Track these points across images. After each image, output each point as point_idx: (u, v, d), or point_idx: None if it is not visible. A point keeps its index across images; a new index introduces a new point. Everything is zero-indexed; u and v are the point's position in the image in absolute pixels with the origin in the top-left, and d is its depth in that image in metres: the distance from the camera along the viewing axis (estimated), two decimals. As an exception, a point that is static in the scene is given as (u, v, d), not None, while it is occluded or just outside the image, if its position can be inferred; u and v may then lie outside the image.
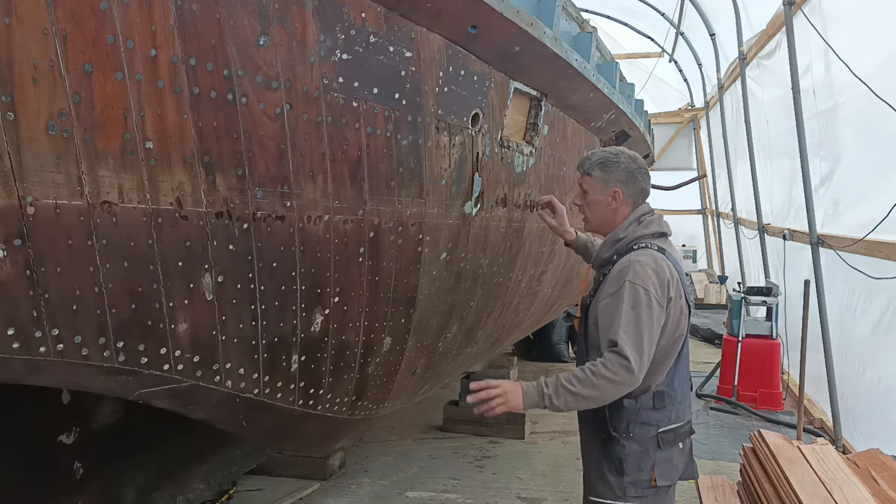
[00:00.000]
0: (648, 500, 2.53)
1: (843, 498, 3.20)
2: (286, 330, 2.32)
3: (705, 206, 16.02)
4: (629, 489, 2.51)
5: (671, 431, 2.54)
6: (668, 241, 2.69)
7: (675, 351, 2.55)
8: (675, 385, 2.55)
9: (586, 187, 2.69)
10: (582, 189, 2.72)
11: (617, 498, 2.53)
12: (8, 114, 1.52)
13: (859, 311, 5.34)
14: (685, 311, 2.55)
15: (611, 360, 2.35)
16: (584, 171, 2.69)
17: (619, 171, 2.63)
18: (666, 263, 2.51)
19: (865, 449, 4.29)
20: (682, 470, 2.60)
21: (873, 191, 4.95)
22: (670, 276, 2.49)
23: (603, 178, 2.64)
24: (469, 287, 3.26)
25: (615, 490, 2.53)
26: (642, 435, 2.51)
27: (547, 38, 2.94)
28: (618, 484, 2.52)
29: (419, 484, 4.90)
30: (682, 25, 12.54)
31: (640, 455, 2.50)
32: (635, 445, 2.50)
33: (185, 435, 3.63)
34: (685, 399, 2.61)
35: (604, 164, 2.64)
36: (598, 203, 2.66)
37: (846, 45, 5.21)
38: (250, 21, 1.92)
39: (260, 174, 2.04)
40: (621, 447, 2.51)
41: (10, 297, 1.60)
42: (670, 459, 2.54)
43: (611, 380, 2.34)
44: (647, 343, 2.37)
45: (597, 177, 2.65)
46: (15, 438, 2.78)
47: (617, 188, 2.63)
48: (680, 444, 2.57)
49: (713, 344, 9.75)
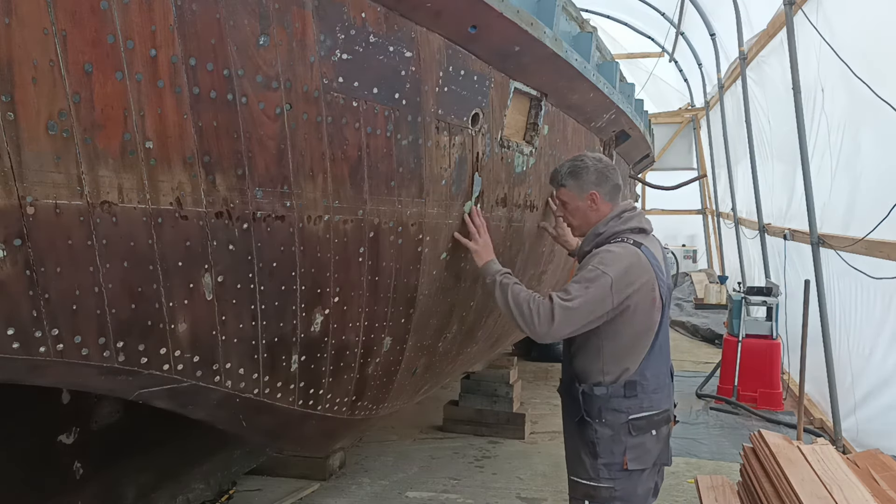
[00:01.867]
0: (621, 482, 2.68)
1: (843, 498, 3.20)
2: (286, 330, 2.32)
3: (705, 205, 16.02)
4: (602, 471, 2.68)
5: (643, 419, 2.67)
6: (650, 237, 2.84)
7: (647, 342, 2.69)
8: (647, 375, 2.68)
9: (565, 198, 2.89)
10: (561, 201, 2.93)
11: (591, 479, 2.71)
12: (8, 114, 1.52)
13: (859, 310, 5.34)
14: (658, 304, 2.68)
15: (544, 308, 2.57)
16: (559, 184, 2.89)
17: (589, 174, 2.82)
18: (638, 257, 2.65)
19: (865, 449, 4.29)
20: (657, 456, 2.73)
21: (873, 190, 4.95)
22: (641, 269, 2.63)
23: (577, 186, 2.83)
24: (469, 287, 3.26)
25: (589, 471, 2.71)
26: (613, 420, 2.67)
27: (547, 38, 2.94)
28: (592, 465, 2.70)
29: (419, 484, 4.90)
30: (682, 25, 12.54)
31: (612, 439, 2.66)
32: (607, 430, 2.67)
33: (185, 435, 3.63)
34: (661, 389, 2.74)
35: (574, 172, 2.84)
36: (579, 209, 2.85)
37: (846, 46, 5.21)
38: (250, 21, 1.92)
39: (260, 174, 2.04)
40: (594, 431, 2.68)
41: (9, 297, 1.60)
42: (642, 445, 2.68)
43: (530, 320, 2.59)
44: (580, 314, 2.56)
45: (571, 185, 2.84)
46: (15, 438, 2.78)
47: (592, 190, 2.81)
48: (653, 432, 2.70)
49: (713, 344, 9.75)
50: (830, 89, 5.83)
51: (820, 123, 6.10)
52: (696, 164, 15.75)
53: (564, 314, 2.54)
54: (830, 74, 5.66)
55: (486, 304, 3.57)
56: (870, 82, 4.63)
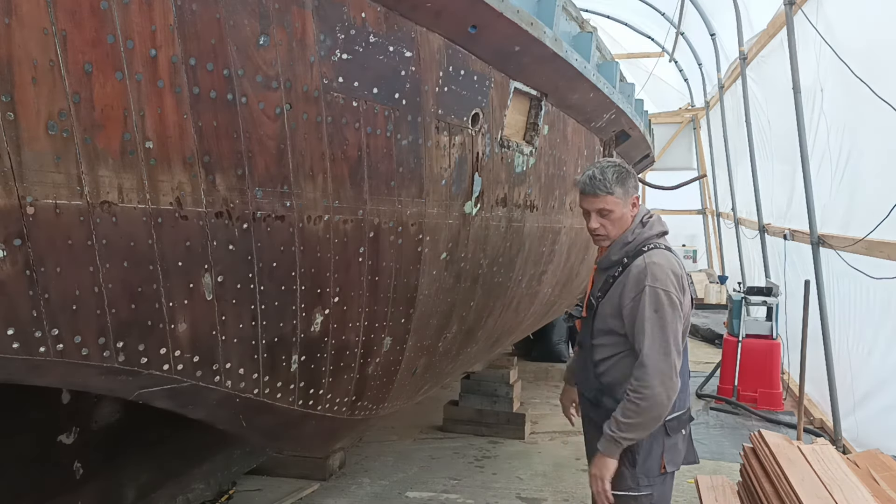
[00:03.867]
0: (657, 487, 2.64)
1: (843, 498, 3.20)
2: (286, 330, 2.32)
3: (705, 205, 16.02)
4: (642, 479, 2.61)
5: (675, 419, 2.64)
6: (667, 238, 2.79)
7: (685, 342, 2.65)
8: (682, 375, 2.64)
9: (611, 206, 2.64)
10: (603, 210, 2.65)
11: (631, 489, 2.62)
12: (8, 114, 1.52)
13: (859, 311, 5.34)
14: (690, 305, 2.67)
15: (644, 379, 2.47)
16: (607, 192, 2.62)
17: (632, 179, 2.69)
18: (677, 260, 2.63)
19: (865, 449, 4.29)
20: (685, 455, 2.74)
21: (873, 190, 4.95)
22: (682, 271, 2.61)
23: (624, 192, 2.65)
24: (469, 287, 3.26)
25: (629, 481, 2.61)
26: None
27: (547, 38, 2.94)
28: (631, 475, 2.61)
29: (419, 484, 4.90)
30: (683, 25, 12.53)
31: (651, 444, 2.60)
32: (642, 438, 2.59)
33: (185, 435, 3.63)
34: (686, 388, 2.71)
35: (620, 178, 2.63)
36: (623, 217, 2.67)
37: (846, 46, 5.20)
38: (250, 21, 1.92)
39: (260, 174, 2.04)
40: None
41: (9, 297, 1.60)
42: (675, 445, 2.66)
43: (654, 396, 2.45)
44: (673, 344, 2.49)
45: (619, 193, 2.63)
46: (15, 438, 2.78)
47: (635, 194, 2.71)
48: (683, 431, 2.70)
49: (713, 344, 9.75)
50: (830, 89, 5.83)
51: (820, 123, 6.10)
52: (696, 164, 15.75)
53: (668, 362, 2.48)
54: (830, 74, 5.66)
55: (486, 304, 3.58)
56: (870, 82, 4.63)
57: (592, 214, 2.67)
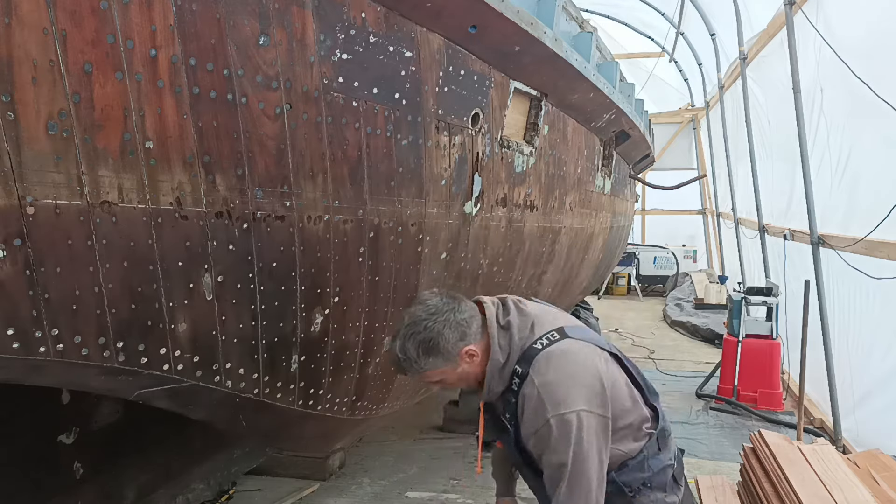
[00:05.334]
0: None
1: (843, 498, 3.20)
2: (286, 330, 2.32)
3: (705, 205, 16.02)
4: None
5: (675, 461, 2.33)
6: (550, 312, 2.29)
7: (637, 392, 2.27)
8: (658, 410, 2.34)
9: (437, 378, 2.16)
10: (435, 382, 2.19)
11: None
12: (8, 114, 1.52)
13: (859, 311, 5.34)
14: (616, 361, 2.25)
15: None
16: (420, 370, 2.11)
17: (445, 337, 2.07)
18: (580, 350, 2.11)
19: (865, 449, 4.29)
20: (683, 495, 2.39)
21: (873, 190, 4.95)
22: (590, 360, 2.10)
23: (442, 359, 2.10)
24: (469, 287, 3.26)
25: None
26: (660, 481, 2.24)
27: (547, 38, 2.94)
28: None
29: (419, 484, 4.89)
30: (682, 25, 12.53)
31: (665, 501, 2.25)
32: (659, 494, 2.23)
33: (185, 435, 3.63)
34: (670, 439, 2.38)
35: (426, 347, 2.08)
36: (464, 374, 2.15)
37: (846, 46, 5.21)
38: (250, 21, 1.92)
39: (260, 174, 2.04)
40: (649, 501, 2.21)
41: (9, 297, 1.60)
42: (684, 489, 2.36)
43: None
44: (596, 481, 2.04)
45: (434, 363, 2.10)
46: (15, 438, 2.78)
47: (461, 348, 2.10)
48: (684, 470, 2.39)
49: (713, 344, 9.75)
50: (830, 89, 5.83)
51: (820, 123, 6.10)
52: (696, 164, 15.76)
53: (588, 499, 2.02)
54: (830, 74, 5.66)
55: (486, 304, 3.57)
56: (870, 82, 4.63)
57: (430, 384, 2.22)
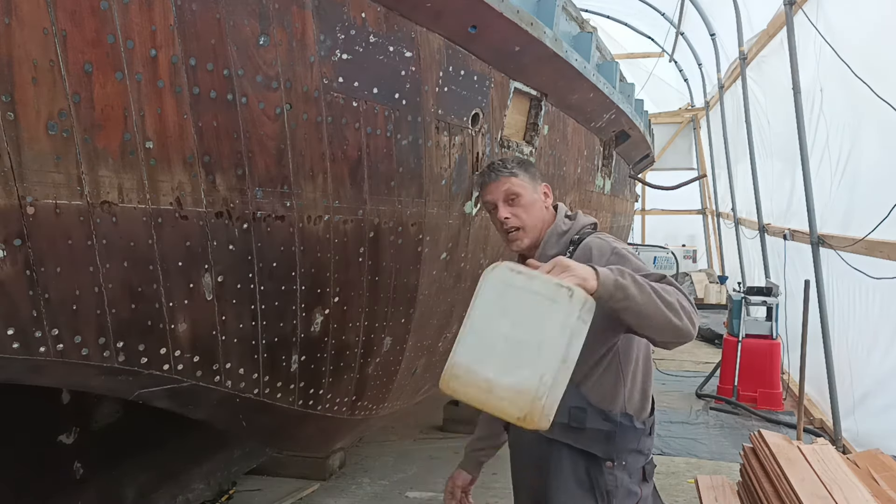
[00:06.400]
0: None
1: (843, 498, 3.20)
2: (286, 330, 2.32)
3: (705, 205, 16.02)
4: None
5: (651, 461, 2.21)
6: None
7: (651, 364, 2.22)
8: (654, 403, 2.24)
9: (517, 189, 2.19)
10: (509, 194, 2.19)
11: None
12: (8, 114, 1.52)
13: (859, 311, 5.34)
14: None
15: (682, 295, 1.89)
16: (510, 173, 2.20)
17: (534, 168, 2.30)
18: None
19: (865, 449, 4.29)
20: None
21: (873, 190, 4.95)
22: None
23: (529, 176, 2.23)
24: (469, 287, 3.26)
25: None
26: (634, 464, 2.13)
27: (547, 38, 2.94)
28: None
29: (419, 484, 4.89)
30: (682, 25, 12.54)
31: (629, 489, 2.11)
32: (625, 476, 2.10)
33: (185, 435, 3.63)
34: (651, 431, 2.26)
35: (521, 163, 2.26)
36: (535, 203, 2.21)
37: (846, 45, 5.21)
38: (250, 21, 1.92)
39: (260, 174, 2.04)
40: (612, 477, 2.08)
41: (9, 297, 1.60)
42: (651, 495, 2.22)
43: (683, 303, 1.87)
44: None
45: (523, 176, 2.21)
46: (15, 438, 2.78)
47: (544, 183, 2.28)
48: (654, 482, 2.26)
49: (713, 344, 9.75)
50: (830, 89, 5.83)
51: (820, 123, 6.10)
52: (696, 164, 15.76)
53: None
54: (830, 74, 5.66)
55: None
56: (870, 82, 4.63)
57: (499, 205, 2.20)
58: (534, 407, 1.62)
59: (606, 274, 1.78)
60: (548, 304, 1.66)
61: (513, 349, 1.67)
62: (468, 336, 1.74)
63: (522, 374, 1.64)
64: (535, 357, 1.65)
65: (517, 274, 1.73)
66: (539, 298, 1.67)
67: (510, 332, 1.68)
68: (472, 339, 1.73)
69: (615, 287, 1.78)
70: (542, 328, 1.66)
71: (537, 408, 1.63)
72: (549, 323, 1.66)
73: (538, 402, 1.63)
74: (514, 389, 1.65)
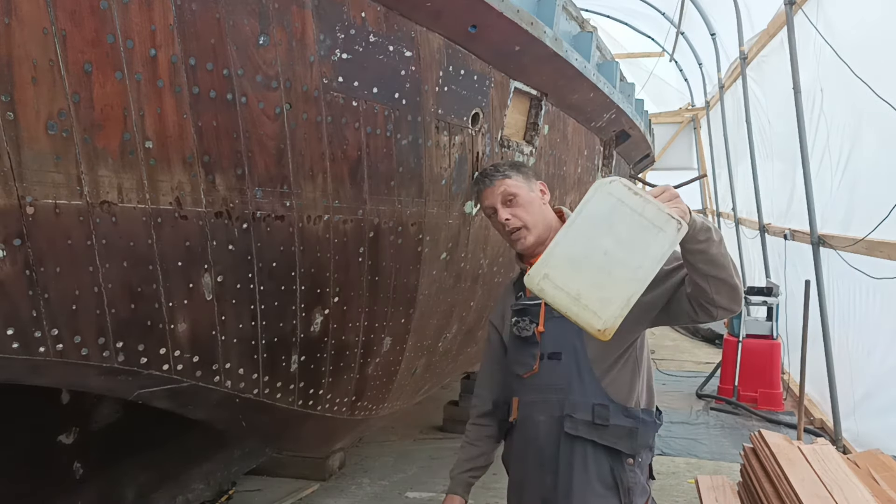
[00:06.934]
0: None
1: (843, 498, 3.19)
2: (286, 330, 2.32)
3: (706, 205, 16.01)
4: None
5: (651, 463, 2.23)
6: None
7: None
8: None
9: (512, 190, 2.21)
10: (506, 196, 2.21)
11: None
12: (7, 113, 1.52)
13: (859, 311, 5.34)
14: None
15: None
16: (503, 175, 2.23)
17: (528, 168, 2.33)
18: None
19: (865, 449, 4.29)
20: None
21: (873, 190, 4.95)
22: None
23: (523, 176, 2.25)
24: (469, 287, 3.26)
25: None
26: (646, 461, 2.16)
27: (547, 38, 2.94)
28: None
29: (419, 484, 4.89)
30: (683, 25, 12.53)
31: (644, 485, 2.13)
32: (639, 475, 2.12)
33: (185, 435, 3.63)
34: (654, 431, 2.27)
35: (514, 165, 2.30)
36: (533, 201, 2.22)
37: (846, 46, 5.20)
38: (250, 21, 1.92)
39: (259, 174, 2.04)
40: (633, 474, 2.09)
41: (9, 297, 1.60)
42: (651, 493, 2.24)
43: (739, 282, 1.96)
44: None
45: (516, 176, 2.23)
46: (15, 438, 2.78)
47: (538, 181, 2.29)
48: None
49: (713, 344, 9.75)
50: (830, 89, 5.83)
51: (820, 123, 6.10)
52: (697, 163, 15.75)
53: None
54: (830, 74, 5.66)
55: (487, 304, 3.57)
56: (870, 82, 4.63)
57: (498, 209, 2.21)
58: (615, 323, 1.71)
59: (694, 214, 1.86)
60: (654, 231, 1.73)
61: (611, 265, 1.73)
62: (570, 241, 1.77)
63: (615, 290, 1.71)
64: (630, 277, 1.71)
65: (633, 195, 1.77)
66: (647, 224, 1.74)
67: (612, 249, 1.73)
68: (573, 246, 1.76)
69: (701, 227, 1.85)
70: (645, 253, 1.72)
71: (617, 325, 1.71)
72: (652, 250, 1.73)
73: (619, 320, 1.72)
74: (604, 302, 1.72)
